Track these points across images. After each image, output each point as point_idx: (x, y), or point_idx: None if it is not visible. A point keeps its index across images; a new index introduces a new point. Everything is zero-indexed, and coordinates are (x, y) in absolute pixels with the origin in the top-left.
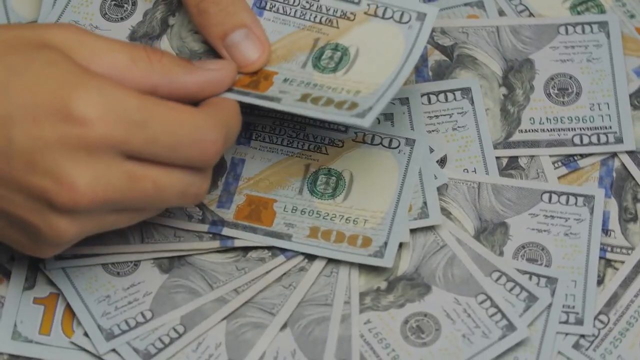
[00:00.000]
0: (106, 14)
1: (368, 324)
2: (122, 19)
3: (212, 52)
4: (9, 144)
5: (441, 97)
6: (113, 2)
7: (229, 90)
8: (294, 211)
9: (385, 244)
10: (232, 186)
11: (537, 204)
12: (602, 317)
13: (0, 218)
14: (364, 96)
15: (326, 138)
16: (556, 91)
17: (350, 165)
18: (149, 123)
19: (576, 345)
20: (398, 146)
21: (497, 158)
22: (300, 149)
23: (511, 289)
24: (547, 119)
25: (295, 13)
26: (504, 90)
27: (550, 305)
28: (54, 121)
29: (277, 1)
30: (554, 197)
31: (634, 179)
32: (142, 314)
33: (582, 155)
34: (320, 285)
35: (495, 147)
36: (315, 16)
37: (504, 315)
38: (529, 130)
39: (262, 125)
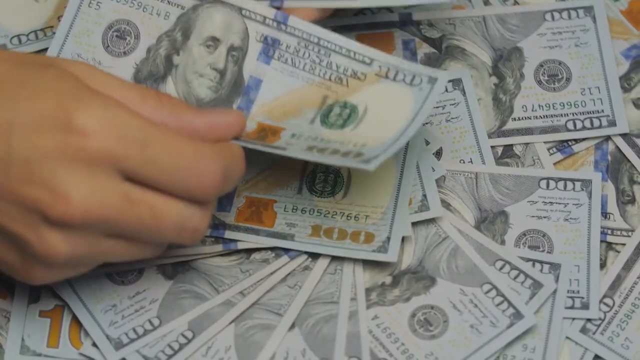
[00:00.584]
0: (108, 46)
1: (376, 319)
2: (124, 53)
3: (220, 101)
4: (8, 152)
5: None
6: (115, 34)
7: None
8: (294, 211)
9: (388, 238)
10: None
11: (536, 191)
12: (607, 301)
13: None
14: (370, 147)
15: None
16: (546, 78)
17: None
18: (150, 143)
19: (583, 330)
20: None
21: (492, 147)
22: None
23: (515, 277)
24: (539, 105)
25: (304, 67)
26: (494, 79)
27: (555, 292)
28: (55, 131)
29: (287, 52)
30: (552, 183)
31: (629, 161)
32: (149, 321)
33: (576, 140)
34: (325, 283)
35: (489, 137)
36: (325, 72)
37: (510, 304)
38: (522, 118)
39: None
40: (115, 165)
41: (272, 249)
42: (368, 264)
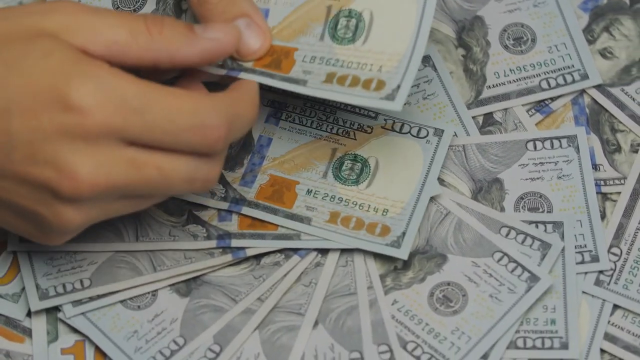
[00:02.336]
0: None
1: (395, 304)
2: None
3: None
4: (9, 137)
5: None
6: None
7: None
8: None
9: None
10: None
11: (524, 154)
12: (615, 250)
13: (6, 209)
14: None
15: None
16: (512, 42)
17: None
18: (147, 109)
19: (598, 282)
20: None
21: (473, 118)
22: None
23: (523, 241)
24: (510, 70)
25: (312, 124)
26: (461, 51)
27: (563, 249)
28: (52, 112)
29: (294, 113)
30: (539, 144)
31: (607, 111)
32: (174, 341)
33: (553, 99)
34: (339, 276)
35: (468, 108)
36: (332, 127)
37: (524, 268)
38: (497, 85)
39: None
40: (116, 135)
41: (281, 251)
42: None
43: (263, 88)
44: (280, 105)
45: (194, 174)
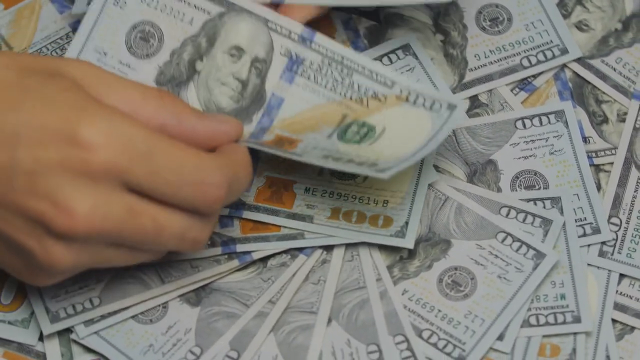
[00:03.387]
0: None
1: (406, 293)
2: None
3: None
4: (13, 163)
5: (385, 60)
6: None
7: (255, 209)
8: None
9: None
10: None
11: (514, 133)
12: (614, 220)
13: None
14: (393, 208)
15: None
16: (488, 23)
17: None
18: (154, 156)
19: (601, 254)
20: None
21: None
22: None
23: (524, 220)
24: (490, 51)
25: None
26: (439, 36)
27: (564, 224)
28: (59, 144)
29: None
30: (527, 122)
31: (589, 83)
32: (190, 351)
33: (535, 76)
34: (347, 271)
35: (453, 92)
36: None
37: (529, 246)
38: (479, 67)
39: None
40: (120, 178)
41: (286, 251)
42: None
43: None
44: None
45: (186, 231)
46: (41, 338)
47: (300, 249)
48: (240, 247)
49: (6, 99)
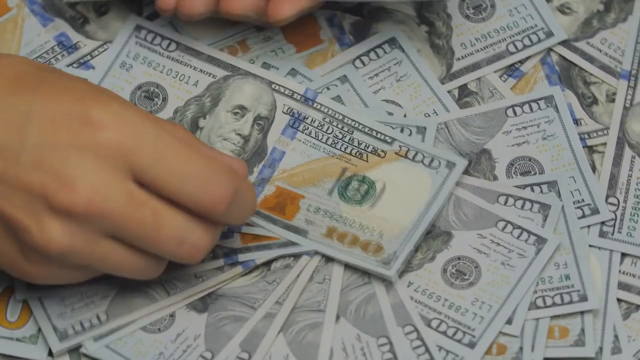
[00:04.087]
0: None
1: (411, 285)
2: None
3: None
4: (22, 139)
5: (372, 55)
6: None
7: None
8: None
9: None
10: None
11: (506, 121)
12: (612, 200)
13: None
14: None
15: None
16: (472, 10)
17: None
18: (162, 143)
19: (602, 234)
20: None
21: (448, 92)
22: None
23: (522, 206)
24: (476, 39)
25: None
26: (424, 27)
27: (563, 207)
28: (70, 123)
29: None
30: (518, 109)
31: (576, 65)
32: (202, 356)
33: (522, 61)
34: (352, 269)
35: (442, 83)
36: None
37: (529, 232)
38: (465, 56)
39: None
40: (125, 160)
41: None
42: None
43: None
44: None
45: (186, 234)
46: (50, 353)
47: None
48: (242, 257)
49: (24, 85)
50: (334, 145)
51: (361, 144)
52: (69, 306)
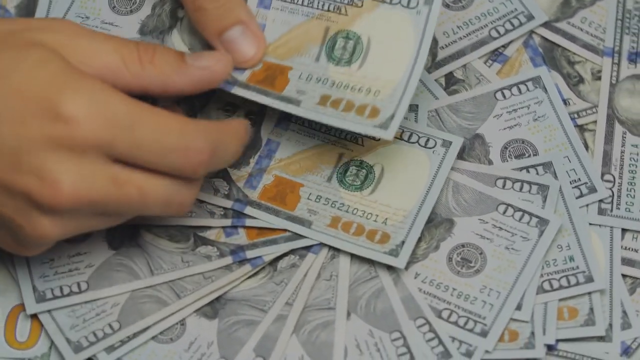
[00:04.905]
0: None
1: (418, 277)
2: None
3: None
4: None
5: None
6: None
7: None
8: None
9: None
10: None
11: (496, 105)
12: (608, 177)
13: None
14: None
15: None
16: None
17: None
18: (137, 127)
19: (601, 212)
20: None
21: (435, 81)
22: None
23: (521, 189)
24: (458, 27)
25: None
26: None
27: (560, 187)
28: (41, 120)
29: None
30: (507, 93)
31: (559, 46)
32: None
33: (505, 46)
34: (357, 263)
35: (429, 72)
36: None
37: (530, 214)
38: (449, 44)
39: None
40: (103, 150)
41: (293, 251)
42: None
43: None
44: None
45: (172, 196)
46: None
47: (308, 248)
48: (250, 254)
49: None
50: (328, 132)
51: None
52: (80, 317)
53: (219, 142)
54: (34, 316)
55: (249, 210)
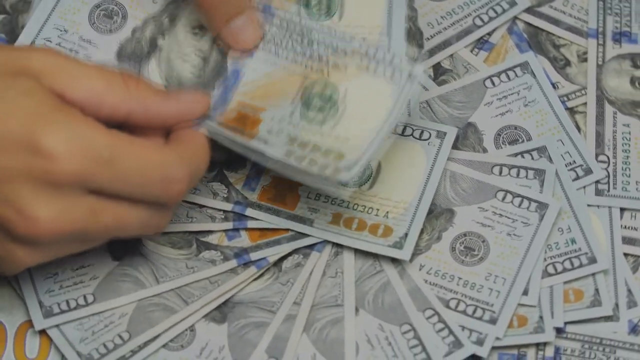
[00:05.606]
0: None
1: (423, 268)
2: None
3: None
4: None
5: None
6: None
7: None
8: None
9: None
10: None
11: (486, 93)
12: (602, 158)
13: None
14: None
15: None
16: None
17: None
18: (117, 160)
19: (598, 192)
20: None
21: (423, 72)
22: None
23: (517, 174)
24: (441, 17)
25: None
26: None
27: (556, 171)
28: (21, 153)
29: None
30: (496, 80)
31: (543, 30)
32: None
33: (490, 34)
34: (362, 258)
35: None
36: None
37: (529, 199)
38: (434, 35)
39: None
40: (82, 184)
41: (296, 251)
42: None
43: None
44: None
45: (148, 221)
46: None
47: (311, 247)
48: (254, 256)
49: None
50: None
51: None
52: (89, 330)
53: (195, 167)
54: (43, 331)
55: (249, 212)
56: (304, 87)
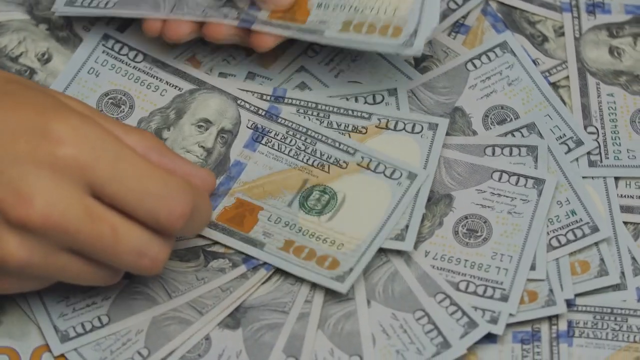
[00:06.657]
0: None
1: (429, 254)
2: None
3: None
4: None
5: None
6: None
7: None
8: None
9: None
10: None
11: (469, 76)
12: (591, 129)
13: None
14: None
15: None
16: None
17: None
18: (121, 160)
19: (591, 164)
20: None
21: (405, 61)
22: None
23: (510, 153)
24: None
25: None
26: None
27: (548, 146)
28: (30, 137)
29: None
30: (477, 62)
31: (516, 8)
32: None
33: (464, 16)
34: None
35: (397, 54)
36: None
37: (525, 176)
38: None
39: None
40: (83, 175)
41: None
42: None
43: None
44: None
45: (146, 248)
46: None
47: None
48: (206, 232)
49: None
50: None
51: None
52: (107, 349)
53: (199, 204)
54: (60, 354)
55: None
56: (303, 186)
